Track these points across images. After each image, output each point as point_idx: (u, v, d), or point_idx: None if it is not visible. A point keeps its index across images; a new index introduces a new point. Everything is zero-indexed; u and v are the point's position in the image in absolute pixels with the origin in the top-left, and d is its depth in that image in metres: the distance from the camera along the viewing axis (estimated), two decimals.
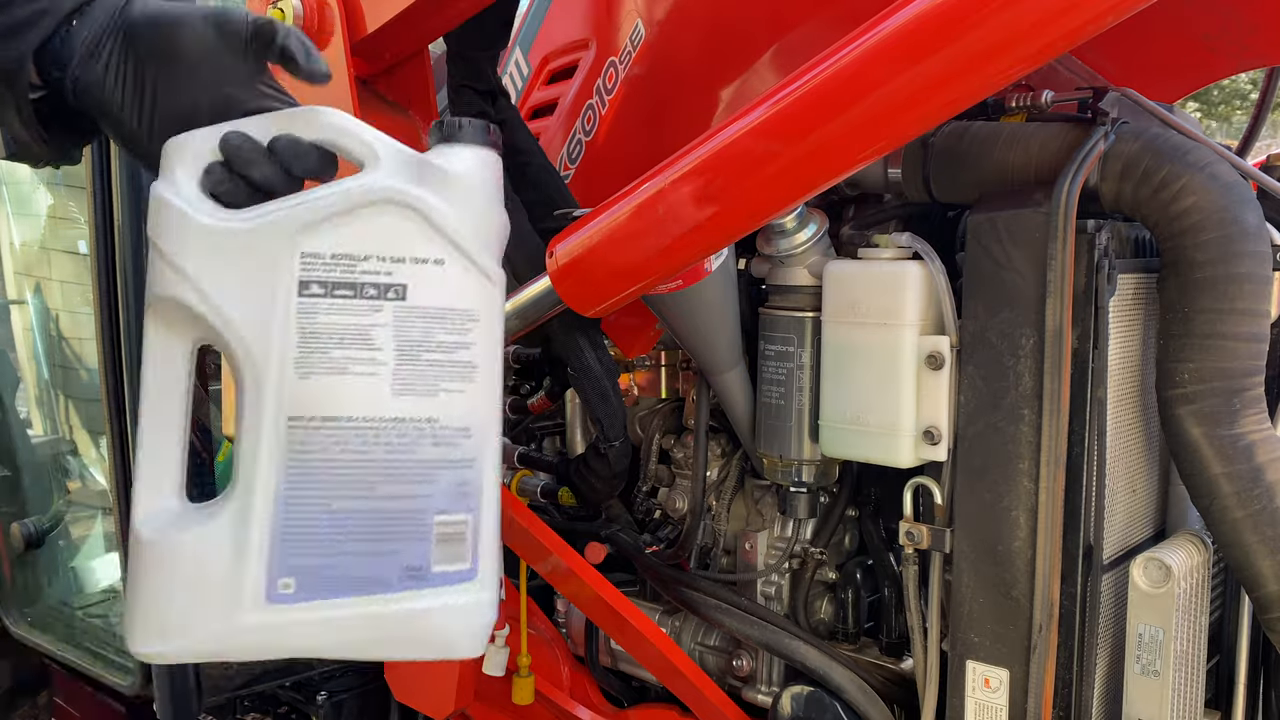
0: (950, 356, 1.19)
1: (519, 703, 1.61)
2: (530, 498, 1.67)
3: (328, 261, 0.99)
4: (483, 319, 1.00)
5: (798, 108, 0.94)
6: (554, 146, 1.64)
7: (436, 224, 0.98)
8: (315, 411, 1.00)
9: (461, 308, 1.00)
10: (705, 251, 1.13)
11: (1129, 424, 1.22)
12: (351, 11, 1.31)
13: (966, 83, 0.86)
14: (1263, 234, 1.08)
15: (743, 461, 1.58)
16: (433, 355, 0.99)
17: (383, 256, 0.99)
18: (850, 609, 1.50)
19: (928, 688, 1.30)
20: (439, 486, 0.99)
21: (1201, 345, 1.08)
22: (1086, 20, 0.81)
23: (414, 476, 0.99)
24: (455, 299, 1.00)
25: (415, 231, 0.99)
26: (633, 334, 1.56)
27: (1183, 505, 1.29)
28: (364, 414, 0.99)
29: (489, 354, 1.00)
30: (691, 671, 1.48)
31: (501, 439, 1.06)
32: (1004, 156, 1.18)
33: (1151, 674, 1.14)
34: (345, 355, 0.99)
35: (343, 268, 0.99)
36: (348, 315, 0.99)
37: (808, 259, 1.32)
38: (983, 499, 1.17)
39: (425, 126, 1.44)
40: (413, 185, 0.99)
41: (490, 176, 1.04)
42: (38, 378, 2.62)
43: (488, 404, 1.00)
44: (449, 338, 0.99)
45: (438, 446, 0.99)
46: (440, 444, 0.99)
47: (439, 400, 0.99)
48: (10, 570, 2.42)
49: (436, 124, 1.02)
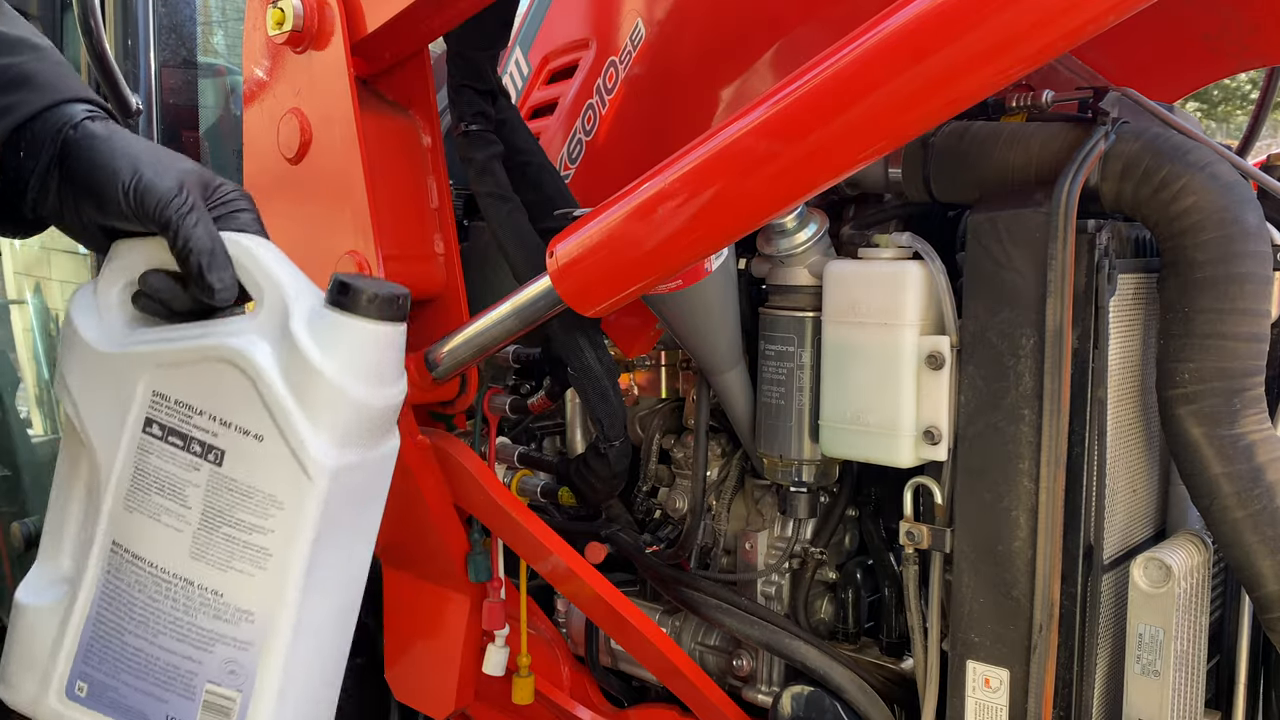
0: (950, 356, 1.19)
1: (519, 702, 1.61)
2: (530, 498, 1.67)
3: (171, 406, 0.98)
4: (288, 508, 0.95)
5: (798, 108, 0.94)
6: (554, 146, 1.64)
7: (267, 399, 0.95)
8: (130, 545, 1.01)
9: (267, 491, 0.96)
10: (705, 251, 1.13)
11: (1129, 424, 1.22)
12: (351, 11, 1.31)
13: (966, 83, 0.86)
14: (1263, 234, 1.08)
15: (743, 461, 1.58)
16: (230, 530, 0.97)
17: (214, 415, 0.97)
18: (850, 609, 1.50)
19: (928, 688, 1.30)
20: (212, 657, 0.98)
21: (1202, 345, 1.08)
22: (1086, 20, 0.81)
23: (192, 639, 0.99)
24: (263, 481, 0.96)
25: (247, 400, 0.96)
26: (633, 334, 1.56)
27: (1183, 505, 1.29)
28: (162, 564, 1.00)
29: (289, 546, 0.96)
30: (692, 671, 1.48)
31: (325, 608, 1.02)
32: (1004, 156, 1.18)
33: (1152, 674, 1.14)
34: (161, 503, 0.99)
35: (180, 416, 0.98)
36: (172, 464, 0.99)
37: (808, 259, 1.32)
38: (983, 499, 1.17)
39: (425, 126, 1.44)
40: (265, 349, 0.95)
41: (373, 358, 0.98)
42: (38, 378, 2.62)
43: (279, 595, 0.96)
44: (248, 517, 0.96)
45: (218, 620, 0.98)
46: (220, 619, 0.98)
47: (228, 576, 0.97)
48: (10, 570, 2.42)
49: (335, 281, 0.96)
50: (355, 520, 1.04)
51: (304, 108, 1.36)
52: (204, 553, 0.98)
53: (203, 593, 0.98)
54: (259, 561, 0.96)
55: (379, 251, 1.30)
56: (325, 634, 1.03)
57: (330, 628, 1.04)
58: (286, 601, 0.96)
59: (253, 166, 1.45)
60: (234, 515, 0.97)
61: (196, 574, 0.98)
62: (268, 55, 1.41)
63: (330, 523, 0.97)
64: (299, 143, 1.36)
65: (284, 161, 1.39)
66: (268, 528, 0.96)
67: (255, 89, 1.43)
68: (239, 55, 1.86)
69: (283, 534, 0.96)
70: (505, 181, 1.37)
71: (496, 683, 1.62)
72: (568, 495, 1.61)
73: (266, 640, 0.97)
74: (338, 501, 0.97)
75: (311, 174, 1.37)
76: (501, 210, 1.34)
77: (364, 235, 1.31)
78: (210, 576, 0.98)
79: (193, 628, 0.98)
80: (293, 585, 0.96)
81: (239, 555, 0.97)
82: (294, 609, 0.97)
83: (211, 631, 0.98)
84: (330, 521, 0.97)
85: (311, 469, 0.94)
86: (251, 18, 1.42)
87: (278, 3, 1.33)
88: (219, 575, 0.97)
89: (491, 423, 1.49)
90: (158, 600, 1.00)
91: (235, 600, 0.97)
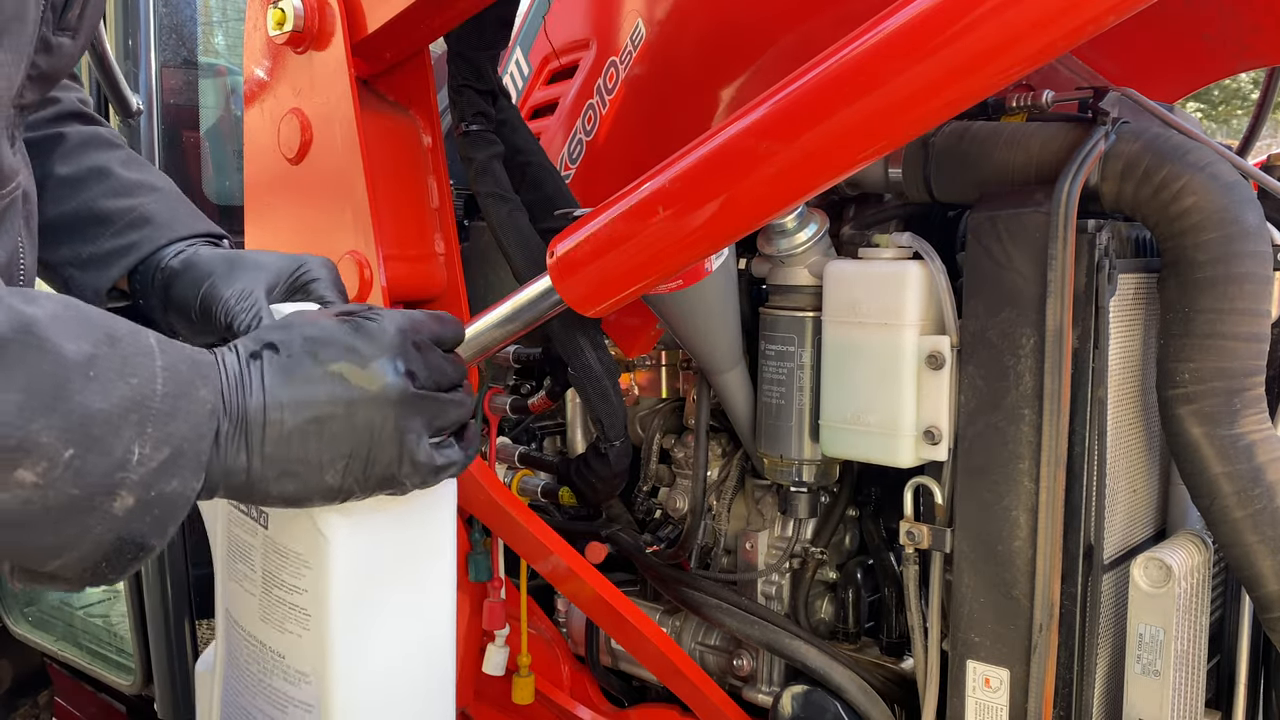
0: (950, 356, 1.19)
1: (519, 702, 1.61)
2: (530, 497, 1.67)
3: None
4: (314, 568, 0.94)
5: (798, 107, 0.94)
6: (554, 146, 1.64)
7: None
8: (233, 612, 1.04)
9: (298, 551, 0.95)
10: (706, 251, 1.12)
11: (1129, 424, 1.22)
12: (352, 11, 1.31)
13: (966, 83, 0.86)
14: (1263, 234, 1.08)
15: (743, 461, 1.58)
16: (279, 592, 0.97)
17: None
18: (851, 609, 1.50)
19: (928, 688, 1.30)
20: (287, 719, 0.98)
21: (1202, 345, 1.08)
22: (1086, 20, 0.81)
23: (272, 700, 0.99)
24: (293, 540, 0.95)
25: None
26: (633, 334, 1.56)
27: (1183, 505, 1.29)
28: (247, 627, 1.01)
29: (320, 606, 0.94)
30: (692, 671, 1.48)
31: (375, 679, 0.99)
32: (1004, 156, 1.18)
33: (1152, 674, 1.14)
34: (242, 569, 1.01)
35: None
36: (241, 530, 1.01)
37: (808, 259, 1.32)
38: (983, 499, 1.17)
39: (426, 126, 1.44)
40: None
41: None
42: None
43: (324, 655, 0.94)
44: (289, 579, 0.96)
45: (286, 682, 0.97)
46: (287, 681, 0.97)
47: (286, 638, 0.97)
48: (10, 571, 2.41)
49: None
50: (399, 572, 0.98)
51: (304, 108, 1.36)
52: (268, 615, 0.98)
53: (273, 655, 0.98)
54: (304, 622, 0.96)
55: (379, 251, 1.30)
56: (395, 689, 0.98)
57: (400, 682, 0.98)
58: (330, 661, 0.94)
59: (253, 166, 1.45)
60: (280, 577, 0.97)
61: (266, 636, 0.99)
62: (268, 55, 1.41)
63: (361, 579, 0.94)
64: (299, 143, 1.36)
65: (284, 161, 1.39)
66: (302, 587, 0.95)
67: (256, 89, 1.43)
68: (239, 55, 1.86)
69: (314, 594, 0.94)
70: (506, 181, 1.37)
71: (497, 682, 1.62)
72: (568, 495, 1.61)
73: (325, 700, 0.95)
74: (364, 557, 0.94)
75: (312, 174, 1.37)
76: (502, 210, 1.34)
77: (364, 235, 1.31)
78: (274, 638, 0.98)
79: (272, 690, 0.99)
80: (331, 644, 0.94)
81: (289, 617, 0.96)
82: (338, 668, 0.94)
83: (283, 694, 0.98)
84: (361, 578, 0.94)
85: (324, 527, 0.93)
86: (252, 18, 1.41)
87: (278, 3, 1.33)
88: (280, 637, 0.98)
89: (492, 423, 1.50)
90: (249, 664, 1.01)
91: (294, 662, 0.97)
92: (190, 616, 2.09)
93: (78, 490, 0.74)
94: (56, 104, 1.24)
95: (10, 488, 0.71)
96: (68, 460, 0.73)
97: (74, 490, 0.74)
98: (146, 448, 0.76)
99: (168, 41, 2.12)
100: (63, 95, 1.26)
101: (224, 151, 2.27)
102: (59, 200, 1.19)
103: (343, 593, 0.93)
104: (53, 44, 0.96)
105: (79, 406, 0.73)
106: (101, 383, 0.75)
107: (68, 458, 0.73)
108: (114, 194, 1.19)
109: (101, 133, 1.27)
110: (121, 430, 0.75)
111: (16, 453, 0.71)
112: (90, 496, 0.74)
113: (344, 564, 0.93)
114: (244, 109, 1.46)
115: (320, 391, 0.86)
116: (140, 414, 0.76)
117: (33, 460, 0.71)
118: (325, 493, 0.87)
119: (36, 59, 0.94)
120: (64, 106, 1.25)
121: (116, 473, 0.75)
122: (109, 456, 0.74)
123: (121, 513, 0.76)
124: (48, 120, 1.23)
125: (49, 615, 2.43)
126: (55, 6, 0.94)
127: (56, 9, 0.94)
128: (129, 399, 0.76)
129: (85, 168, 1.20)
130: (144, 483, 0.76)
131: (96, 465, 0.74)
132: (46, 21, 0.93)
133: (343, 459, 0.86)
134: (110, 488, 0.75)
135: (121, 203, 1.18)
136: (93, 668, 2.29)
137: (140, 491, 0.76)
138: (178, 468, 0.78)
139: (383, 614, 0.96)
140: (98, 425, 0.74)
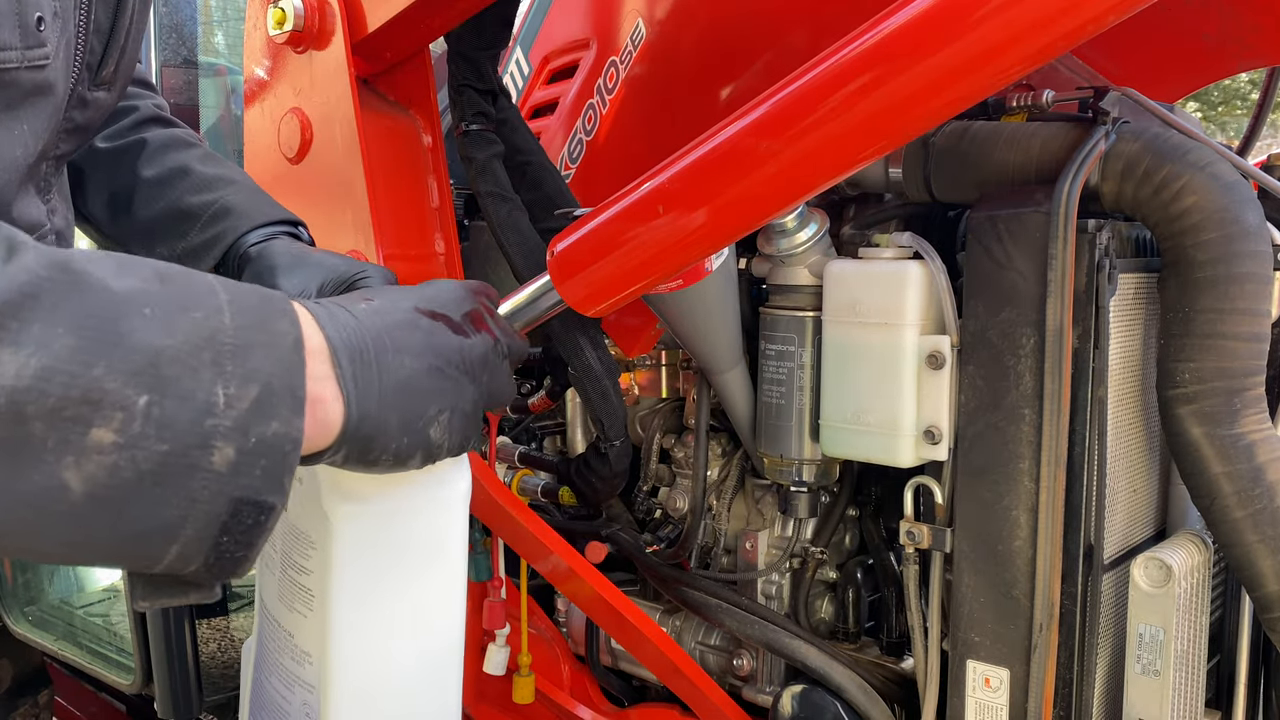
0: (951, 356, 1.19)
1: (519, 702, 1.61)
2: (530, 497, 1.67)
3: None
4: (319, 549, 0.92)
5: (798, 107, 0.94)
6: (554, 146, 1.64)
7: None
8: (262, 590, 1.04)
9: (305, 530, 0.94)
10: (706, 251, 1.12)
11: (1129, 424, 1.22)
12: (352, 11, 1.31)
13: (967, 82, 0.86)
14: (1263, 234, 1.08)
15: (743, 461, 1.58)
16: (291, 572, 0.96)
17: None
18: (851, 608, 1.50)
19: (928, 687, 1.30)
20: (295, 698, 0.98)
21: (1202, 345, 1.08)
22: (1087, 20, 0.81)
23: (283, 679, 0.99)
24: (303, 520, 0.94)
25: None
26: (633, 334, 1.56)
27: (1183, 505, 1.29)
28: (269, 606, 1.01)
29: (323, 587, 0.92)
30: (692, 671, 1.48)
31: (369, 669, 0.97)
32: (1005, 156, 1.18)
33: (1152, 674, 1.14)
34: (268, 550, 1.00)
35: None
36: None
37: (808, 258, 1.32)
38: (983, 499, 1.17)
39: (426, 126, 1.44)
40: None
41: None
42: None
43: (324, 637, 0.92)
44: (299, 559, 0.95)
45: (293, 661, 0.97)
46: (294, 660, 0.97)
47: (294, 618, 0.96)
48: (10, 569, 2.42)
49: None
50: (404, 562, 0.96)
51: (305, 107, 1.36)
52: (282, 594, 0.98)
53: (285, 634, 0.98)
54: (309, 602, 0.94)
55: (379, 251, 1.30)
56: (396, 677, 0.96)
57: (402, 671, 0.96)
58: (329, 644, 0.92)
59: (253, 166, 1.45)
60: (292, 557, 0.96)
61: (280, 616, 0.99)
62: (268, 55, 1.41)
63: (364, 564, 0.92)
64: (299, 142, 1.36)
65: (284, 161, 1.39)
66: (309, 568, 0.94)
67: (256, 89, 1.43)
68: (239, 55, 1.86)
69: (318, 575, 0.93)
70: (506, 181, 1.37)
71: (497, 682, 1.62)
72: (568, 495, 1.61)
73: (325, 684, 0.93)
74: (368, 542, 0.92)
75: (312, 173, 1.37)
76: (502, 210, 1.34)
77: (364, 234, 1.31)
78: (286, 618, 0.98)
79: (283, 668, 0.99)
80: (332, 627, 0.91)
81: (298, 596, 0.95)
82: (337, 651, 0.92)
83: (291, 673, 0.98)
84: (363, 563, 0.92)
85: (328, 509, 0.91)
86: (252, 17, 1.42)
87: (278, 2, 1.33)
88: (290, 616, 0.97)
89: (492, 422, 1.49)
90: (268, 642, 1.02)
91: (301, 642, 0.96)
92: (190, 616, 2.09)
93: (166, 445, 0.64)
94: (135, 112, 1.27)
95: (90, 455, 0.61)
96: (144, 409, 0.63)
97: (162, 446, 0.63)
98: (231, 387, 0.66)
99: (168, 41, 2.12)
100: (140, 103, 1.29)
101: (224, 151, 2.27)
102: (149, 202, 1.21)
103: (344, 575, 0.91)
104: (89, 100, 0.96)
105: (142, 343, 0.63)
106: (161, 319, 0.65)
107: (143, 405, 0.63)
108: (196, 190, 1.21)
109: (179, 134, 1.29)
110: (199, 371, 0.65)
111: (84, 406, 0.60)
112: (185, 451, 0.64)
113: (346, 546, 0.91)
114: (244, 108, 1.46)
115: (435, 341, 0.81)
116: (214, 350, 0.66)
117: (105, 414, 0.61)
118: (427, 450, 0.81)
119: (72, 114, 0.94)
120: (142, 114, 1.28)
121: (205, 419, 0.65)
122: (191, 400, 0.65)
123: (224, 468, 0.66)
124: (128, 128, 1.26)
125: (49, 615, 2.43)
126: (90, 66, 0.95)
127: (92, 69, 0.95)
128: (197, 334, 0.66)
129: (168, 168, 1.22)
130: (239, 428, 0.66)
131: (180, 412, 0.64)
132: (82, 81, 0.94)
133: (446, 412, 0.81)
134: (203, 438, 0.65)
135: (204, 197, 1.20)
136: (93, 667, 2.29)
137: (238, 439, 0.66)
138: (273, 407, 0.68)
139: (385, 598, 0.94)
140: (168, 364, 0.64)
